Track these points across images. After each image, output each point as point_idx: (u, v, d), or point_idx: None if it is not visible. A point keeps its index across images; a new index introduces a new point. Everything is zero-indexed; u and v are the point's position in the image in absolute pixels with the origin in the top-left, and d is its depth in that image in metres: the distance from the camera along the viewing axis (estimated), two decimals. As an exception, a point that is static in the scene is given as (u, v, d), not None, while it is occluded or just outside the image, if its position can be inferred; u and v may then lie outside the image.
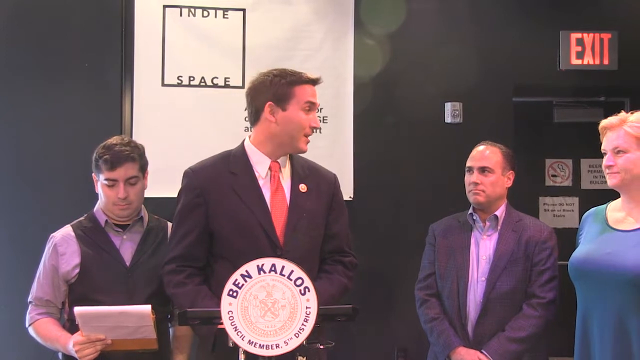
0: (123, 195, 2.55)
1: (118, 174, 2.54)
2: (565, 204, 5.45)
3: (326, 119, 4.22)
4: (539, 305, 2.88)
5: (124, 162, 2.54)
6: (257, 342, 1.71)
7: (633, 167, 2.41)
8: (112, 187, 2.56)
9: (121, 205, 2.57)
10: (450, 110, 4.31)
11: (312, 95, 2.47)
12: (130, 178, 2.56)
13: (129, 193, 2.56)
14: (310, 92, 2.47)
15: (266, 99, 2.43)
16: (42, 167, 3.99)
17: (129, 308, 2.37)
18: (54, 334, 2.54)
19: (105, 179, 2.55)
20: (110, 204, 2.58)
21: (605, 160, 2.47)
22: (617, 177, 2.43)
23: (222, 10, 4.17)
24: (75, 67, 4.03)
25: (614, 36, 4.44)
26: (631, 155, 2.41)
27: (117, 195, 2.55)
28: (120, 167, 2.54)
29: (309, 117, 2.45)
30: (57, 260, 2.57)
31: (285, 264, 1.76)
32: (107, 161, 2.53)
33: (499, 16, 4.40)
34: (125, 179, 2.55)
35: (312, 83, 2.48)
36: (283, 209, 2.44)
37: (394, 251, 4.20)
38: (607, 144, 2.48)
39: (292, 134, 2.44)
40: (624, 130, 2.43)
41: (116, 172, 2.54)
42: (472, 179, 3.01)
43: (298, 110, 2.43)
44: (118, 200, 2.56)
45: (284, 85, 2.43)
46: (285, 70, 2.48)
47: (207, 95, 4.14)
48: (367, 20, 4.27)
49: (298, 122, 2.43)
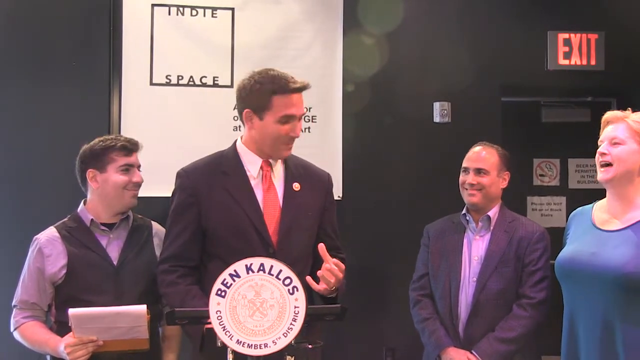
0: (140, 179, 2.65)
1: (134, 159, 2.65)
2: (552, 204, 5.48)
3: (315, 118, 4.22)
4: (528, 306, 2.89)
5: (137, 149, 2.68)
6: (246, 341, 1.71)
7: (627, 159, 2.40)
8: (127, 173, 2.62)
9: (134, 190, 2.63)
10: (438, 110, 4.32)
11: (292, 106, 2.38)
12: (139, 167, 2.68)
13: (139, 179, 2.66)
14: (290, 103, 2.38)
15: (245, 106, 2.42)
16: (27, 167, 3.95)
17: (124, 308, 2.36)
18: (42, 337, 2.52)
19: (120, 166, 2.60)
20: (121, 191, 2.60)
21: (601, 148, 2.45)
22: (610, 172, 2.41)
23: (210, 9, 4.16)
24: (63, 66, 4.01)
25: (601, 37, 4.46)
26: (627, 147, 2.41)
27: (132, 180, 2.62)
28: (135, 153, 2.66)
29: (285, 127, 2.39)
30: (42, 262, 2.55)
31: (273, 263, 1.75)
32: (124, 147, 2.62)
33: (487, 17, 4.42)
34: (137, 165, 2.67)
35: (295, 92, 2.39)
36: (276, 209, 2.44)
37: (382, 251, 4.20)
38: (605, 135, 2.47)
39: (269, 143, 2.43)
40: (626, 123, 2.43)
41: (133, 157, 2.64)
42: (468, 179, 3.02)
43: (273, 122, 2.39)
44: (132, 186, 2.62)
45: (263, 95, 2.38)
46: (268, 76, 2.40)
47: (196, 95, 4.12)
48: (357, 20, 4.27)
49: (272, 133, 2.40)
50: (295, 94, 2.40)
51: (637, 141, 2.41)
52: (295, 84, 2.40)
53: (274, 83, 2.38)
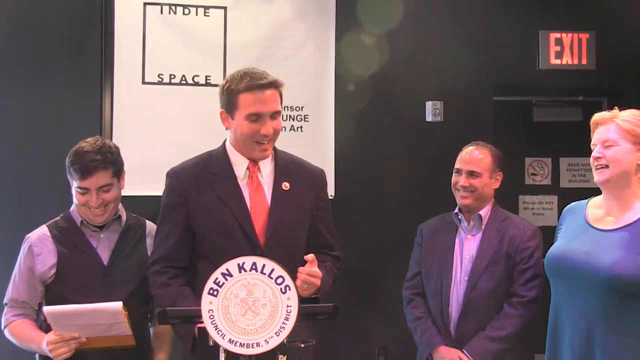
0: (96, 204, 2.50)
1: (89, 183, 2.48)
2: (544, 202, 5.51)
3: (307, 117, 4.22)
4: (519, 304, 2.89)
5: (95, 172, 2.47)
6: (238, 340, 1.70)
7: (622, 159, 2.38)
8: (85, 195, 2.51)
9: (95, 212, 2.53)
10: (431, 109, 4.33)
11: (259, 103, 2.32)
12: (103, 186, 2.51)
13: (102, 199, 2.51)
14: (258, 100, 2.32)
15: (221, 106, 2.42)
16: (19, 167, 3.94)
17: (99, 305, 2.34)
18: (29, 334, 2.52)
19: (77, 187, 2.51)
20: (84, 210, 2.55)
21: (594, 152, 2.44)
22: (606, 173, 2.40)
23: (203, 8, 4.15)
24: (55, 65, 3.99)
25: (592, 36, 4.49)
26: (620, 148, 2.39)
27: (90, 203, 2.51)
28: (91, 177, 2.47)
29: (254, 126, 2.35)
30: (32, 260, 2.54)
31: (266, 262, 1.75)
32: (77, 171, 2.47)
33: (480, 16, 4.43)
34: (97, 187, 2.50)
35: (262, 88, 2.33)
36: (264, 209, 2.42)
37: (374, 250, 4.21)
38: (597, 138, 2.46)
39: (242, 142, 2.41)
40: (615, 124, 2.42)
41: (87, 181, 2.48)
42: (460, 181, 3.01)
43: (241, 120, 2.36)
44: (91, 207, 2.52)
45: (231, 93, 2.36)
46: (237, 74, 2.37)
47: (188, 94, 4.12)
48: (349, 19, 4.28)
49: (242, 132, 2.37)
50: (267, 91, 2.34)
51: (630, 140, 2.39)
52: (262, 80, 2.34)
53: (241, 81, 2.35)
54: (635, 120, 2.41)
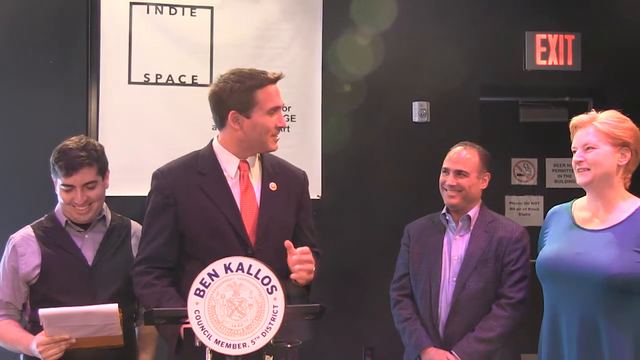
0: (81, 202, 2.50)
1: (74, 180, 2.48)
2: (530, 203, 5.53)
3: (294, 117, 4.22)
4: (507, 306, 2.90)
5: (80, 169, 2.48)
6: (224, 341, 1.70)
7: (603, 162, 2.40)
8: (69, 192, 2.51)
9: (80, 209, 2.53)
10: (417, 110, 4.34)
11: (276, 96, 2.42)
12: (88, 183, 2.51)
13: (87, 197, 2.51)
14: (273, 94, 2.41)
15: (229, 108, 2.39)
16: (2, 167, 3.91)
17: (95, 308, 2.34)
18: (15, 335, 2.50)
19: (62, 184, 2.51)
20: (69, 208, 2.54)
21: (575, 157, 2.46)
22: (588, 175, 2.42)
23: (189, 7, 4.14)
24: (40, 64, 3.97)
25: (578, 37, 4.52)
26: (600, 150, 2.40)
27: (75, 200, 2.50)
28: (76, 174, 2.47)
29: (274, 118, 2.42)
30: (16, 261, 2.53)
31: (252, 262, 1.75)
32: (62, 167, 2.47)
33: (466, 17, 4.45)
34: (82, 184, 2.50)
35: (273, 82, 2.42)
36: (253, 209, 2.42)
37: (361, 250, 4.21)
38: (577, 141, 2.47)
39: (259, 138, 2.42)
40: (593, 127, 2.43)
41: (72, 178, 2.48)
42: (448, 181, 3.01)
43: (262, 115, 2.39)
44: (76, 205, 2.52)
45: (245, 92, 2.37)
46: (243, 74, 2.40)
47: (175, 94, 4.11)
48: (336, 20, 4.28)
49: (263, 126, 2.40)
50: (273, 86, 2.42)
51: (609, 142, 2.41)
52: (271, 75, 2.43)
53: (253, 78, 2.38)
54: (613, 122, 2.43)
